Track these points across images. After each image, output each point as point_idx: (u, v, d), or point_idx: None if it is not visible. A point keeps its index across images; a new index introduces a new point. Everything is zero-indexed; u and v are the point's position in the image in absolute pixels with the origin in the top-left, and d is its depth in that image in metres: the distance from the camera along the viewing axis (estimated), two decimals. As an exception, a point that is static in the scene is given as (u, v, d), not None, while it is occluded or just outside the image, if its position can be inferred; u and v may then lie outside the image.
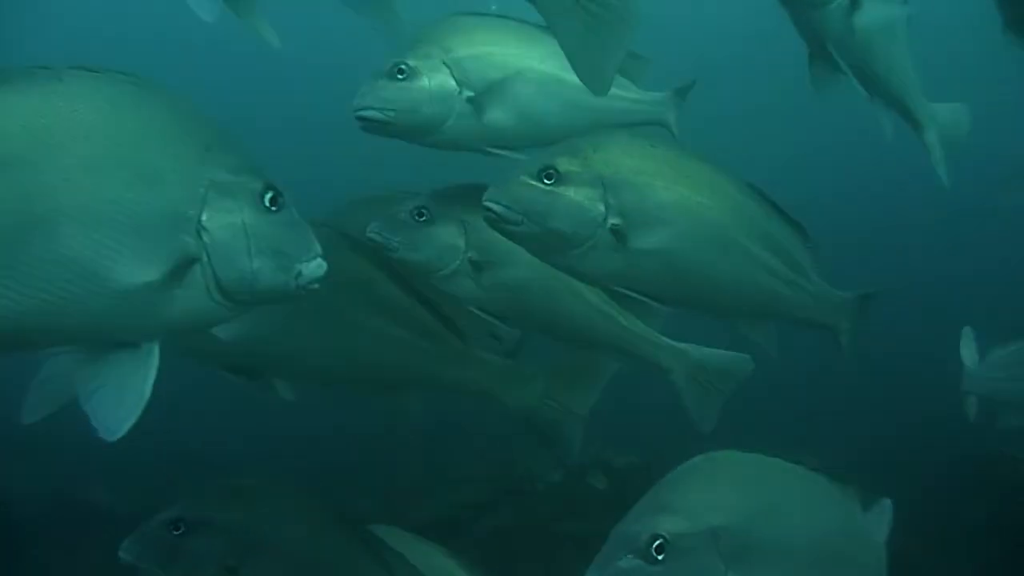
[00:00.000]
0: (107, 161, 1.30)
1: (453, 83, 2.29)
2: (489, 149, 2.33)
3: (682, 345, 2.39)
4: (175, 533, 1.88)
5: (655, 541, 1.57)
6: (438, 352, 2.27)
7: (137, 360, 1.36)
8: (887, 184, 9.43)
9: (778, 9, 2.51)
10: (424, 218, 2.21)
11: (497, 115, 2.33)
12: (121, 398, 1.34)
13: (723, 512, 1.65)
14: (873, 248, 8.43)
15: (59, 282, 1.27)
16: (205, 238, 1.36)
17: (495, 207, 1.96)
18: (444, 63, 2.29)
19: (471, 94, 2.30)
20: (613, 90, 2.39)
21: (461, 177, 2.31)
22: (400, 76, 2.26)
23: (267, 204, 1.42)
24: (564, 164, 1.97)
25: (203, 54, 9.27)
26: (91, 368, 1.35)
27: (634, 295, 2.05)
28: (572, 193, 1.95)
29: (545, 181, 1.95)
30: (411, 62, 2.27)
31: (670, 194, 2.00)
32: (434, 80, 2.28)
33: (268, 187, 1.42)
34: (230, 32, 2.31)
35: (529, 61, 2.34)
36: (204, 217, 1.36)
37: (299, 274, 1.44)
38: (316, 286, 1.46)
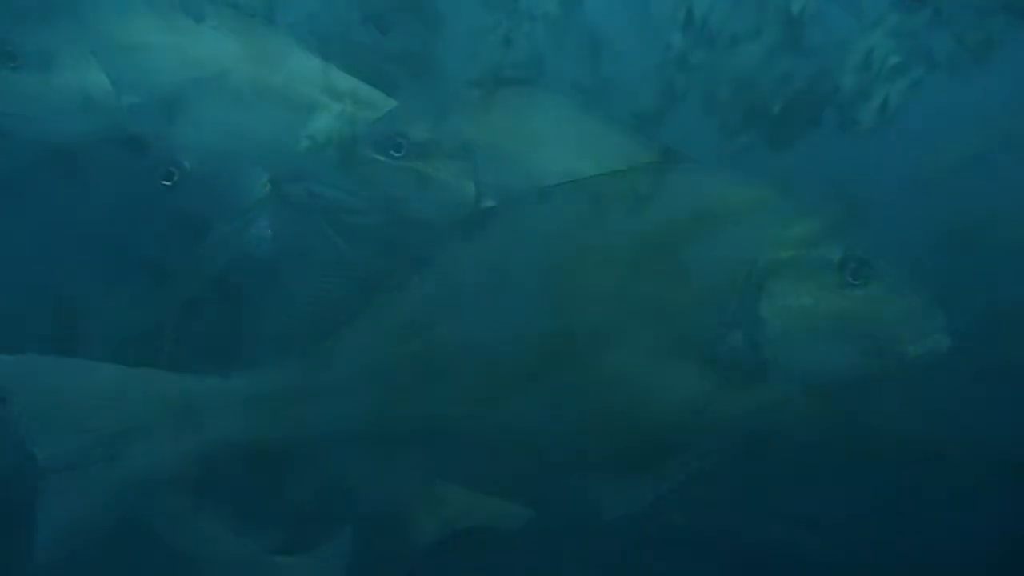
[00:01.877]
0: (630, 281, 1.30)
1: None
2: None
3: None
4: None
5: None
6: None
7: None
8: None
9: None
10: None
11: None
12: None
13: None
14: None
15: (602, 402, 1.31)
16: (749, 329, 1.29)
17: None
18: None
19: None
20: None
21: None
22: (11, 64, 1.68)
23: (849, 277, 1.30)
24: (418, 134, 1.69)
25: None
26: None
27: None
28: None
29: (392, 153, 1.68)
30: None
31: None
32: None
33: (849, 258, 1.31)
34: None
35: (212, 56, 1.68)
36: (744, 306, 1.29)
37: (902, 356, 1.29)
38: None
